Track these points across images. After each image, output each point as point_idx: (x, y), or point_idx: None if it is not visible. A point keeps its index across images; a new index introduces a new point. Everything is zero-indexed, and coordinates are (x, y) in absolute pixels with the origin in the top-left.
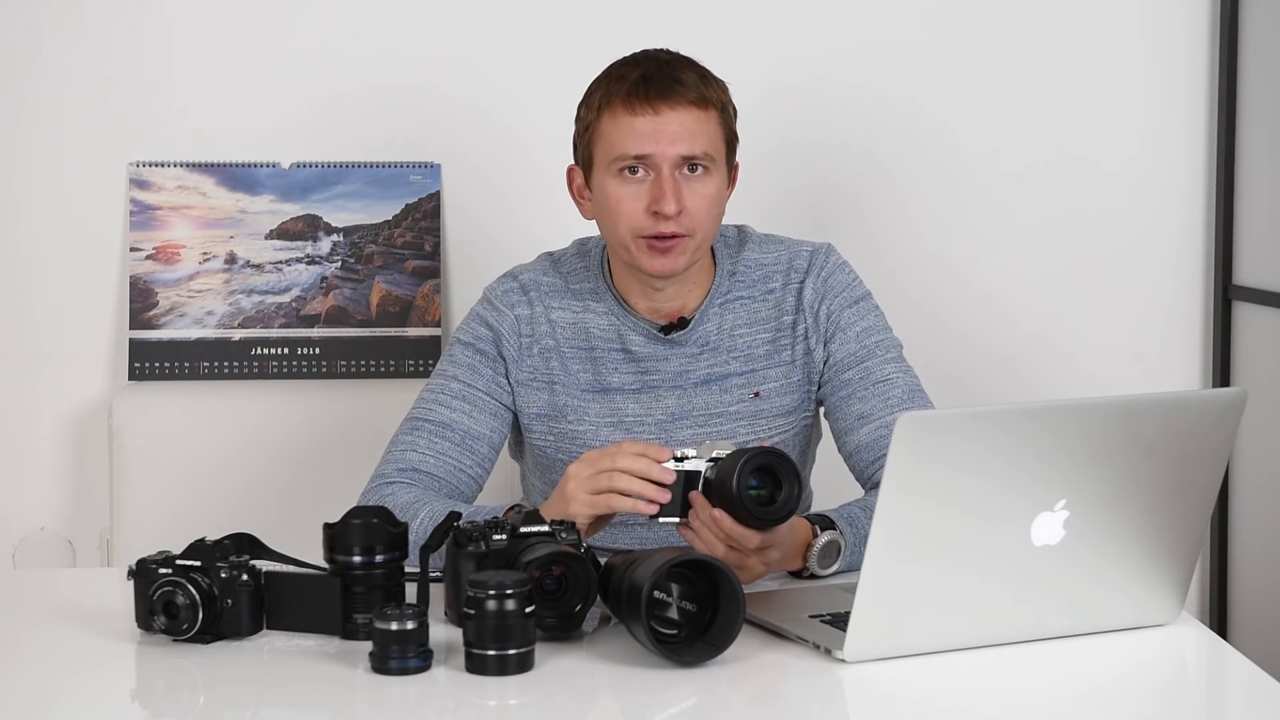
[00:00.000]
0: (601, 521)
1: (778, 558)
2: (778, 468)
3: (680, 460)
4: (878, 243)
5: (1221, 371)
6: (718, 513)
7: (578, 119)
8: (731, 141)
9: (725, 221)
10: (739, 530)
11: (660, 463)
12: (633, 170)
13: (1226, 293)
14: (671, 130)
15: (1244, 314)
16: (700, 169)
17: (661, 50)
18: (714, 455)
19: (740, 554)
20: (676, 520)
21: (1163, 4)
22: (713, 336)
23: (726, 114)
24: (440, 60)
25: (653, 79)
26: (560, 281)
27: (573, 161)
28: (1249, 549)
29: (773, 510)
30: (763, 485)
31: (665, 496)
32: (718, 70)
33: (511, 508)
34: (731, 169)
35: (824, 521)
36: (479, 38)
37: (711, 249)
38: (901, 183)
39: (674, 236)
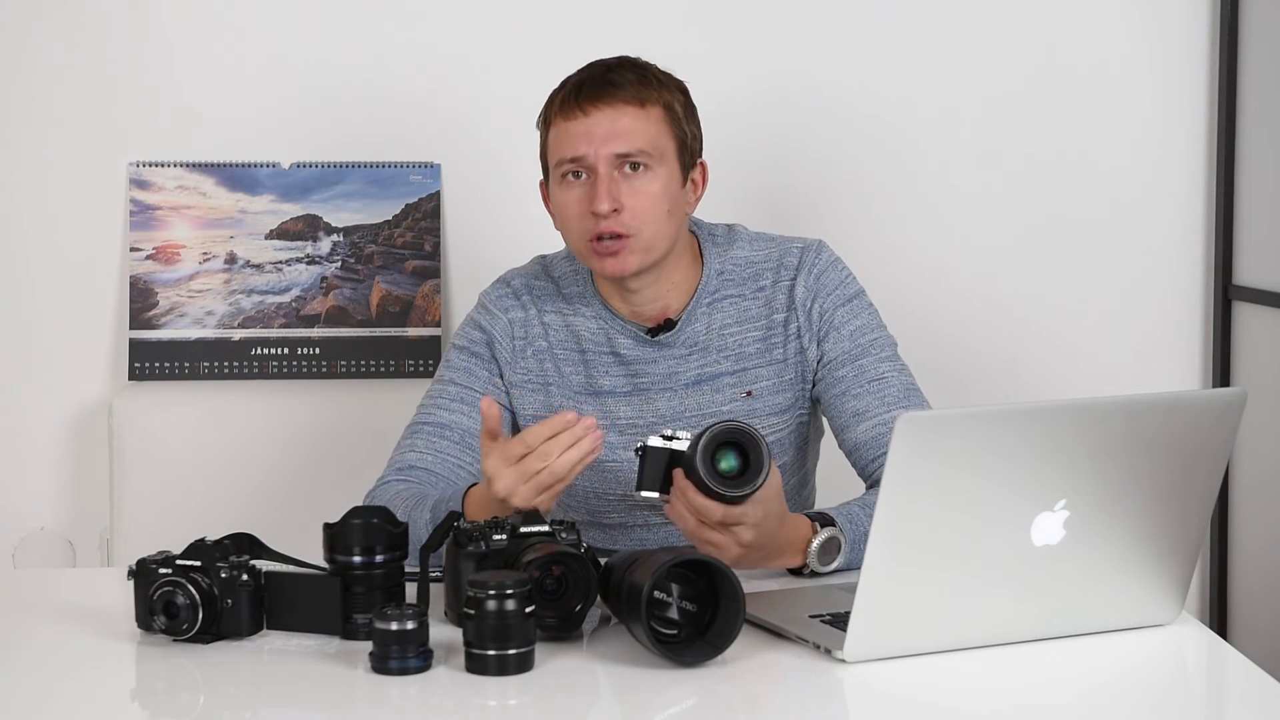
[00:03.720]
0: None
1: (751, 538)
2: (744, 442)
3: (670, 439)
4: (877, 241)
5: (1221, 371)
6: (683, 483)
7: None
8: (683, 139)
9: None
10: (700, 501)
11: (568, 423)
12: (575, 175)
13: (1226, 293)
14: (602, 130)
15: (1244, 314)
16: (641, 167)
17: (616, 57)
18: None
19: (710, 529)
20: (656, 495)
21: (1163, 4)
22: (701, 336)
23: (673, 112)
24: (440, 60)
25: (585, 83)
26: (551, 285)
27: (542, 178)
28: (1249, 549)
29: (735, 483)
30: (733, 459)
31: (598, 437)
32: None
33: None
34: (689, 168)
35: (824, 519)
36: (479, 38)
37: (699, 248)
38: (902, 181)
39: (616, 237)
